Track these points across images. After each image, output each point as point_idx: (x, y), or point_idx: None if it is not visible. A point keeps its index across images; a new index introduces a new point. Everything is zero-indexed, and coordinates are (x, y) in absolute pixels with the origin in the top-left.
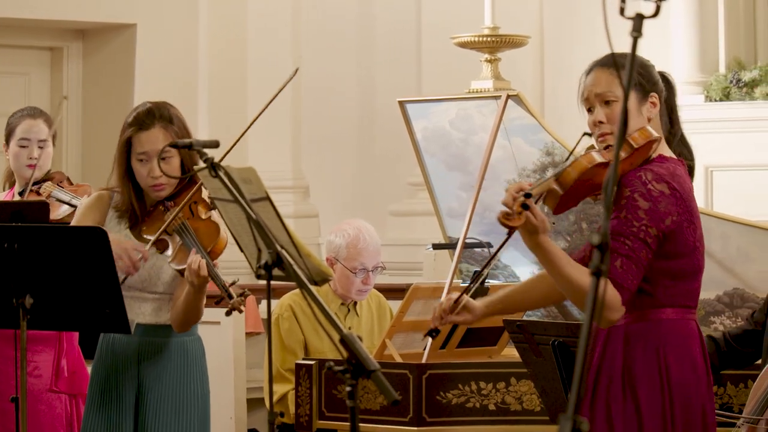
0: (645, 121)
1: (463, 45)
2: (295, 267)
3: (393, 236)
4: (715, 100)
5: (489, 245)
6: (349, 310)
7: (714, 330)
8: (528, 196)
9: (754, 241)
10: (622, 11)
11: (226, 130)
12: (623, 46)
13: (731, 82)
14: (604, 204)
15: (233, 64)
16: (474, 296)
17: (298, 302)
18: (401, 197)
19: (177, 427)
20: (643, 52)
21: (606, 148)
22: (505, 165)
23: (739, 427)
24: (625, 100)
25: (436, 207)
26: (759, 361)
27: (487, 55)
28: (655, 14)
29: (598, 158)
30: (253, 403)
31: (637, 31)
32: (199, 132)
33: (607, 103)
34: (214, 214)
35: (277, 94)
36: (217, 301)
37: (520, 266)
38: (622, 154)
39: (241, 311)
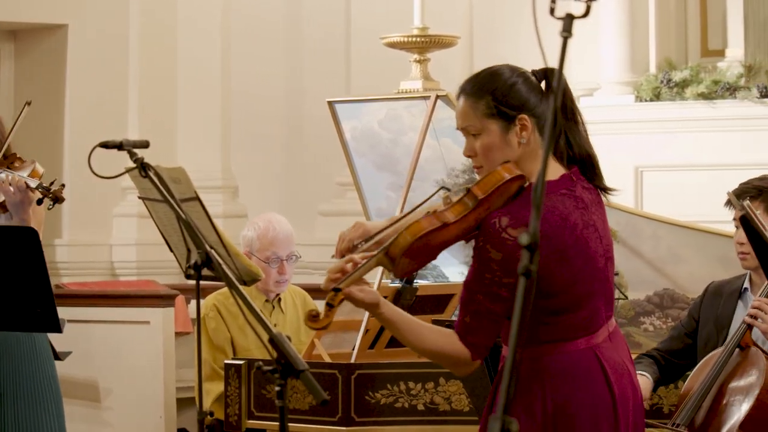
0: (513, 151)
1: (393, 45)
2: (225, 267)
3: (322, 236)
4: (646, 101)
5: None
6: (273, 307)
7: (644, 331)
8: (337, 291)
9: (685, 241)
10: (552, 11)
11: (155, 130)
12: (553, 46)
13: (662, 82)
14: (533, 203)
15: (163, 65)
16: (402, 294)
17: (222, 301)
18: (330, 197)
19: (35, 416)
20: (573, 52)
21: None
22: (435, 165)
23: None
24: (556, 98)
25: (365, 207)
26: None
27: (416, 56)
28: (585, 14)
29: (427, 227)
30: (183, 403)
31: (567, 32)
32: (129, 132)
33: (474, 135)
34: None
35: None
36: (39, 200)
37: (449, 266)
38: (464, 211)
39: (63, 199)
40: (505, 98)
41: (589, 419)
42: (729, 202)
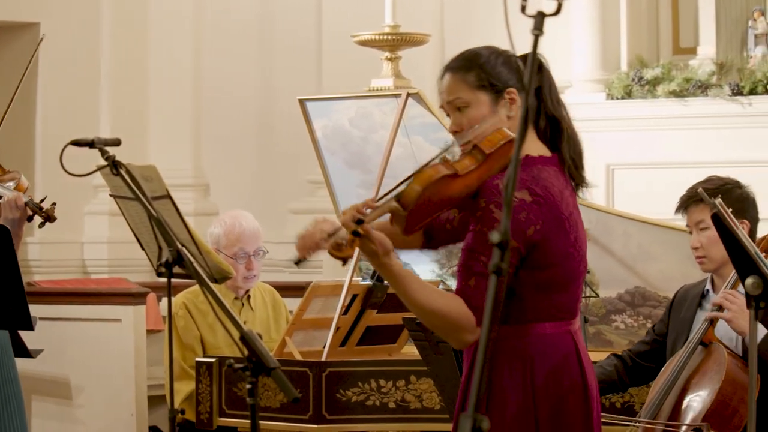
0: (503, 121)
1: (364, 43)
2: (196, 265)
3: (293, 234)
4: (617, 98)
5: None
6: (243, 304)
7: (615, 329)
8: (360, 222)
9: (656, 239)
10: (523, 9)
11: (127, 128)
12: (524, 44)
13: (633, 80)
14: (504, 201)
15: (134, 62)
16: (373, 292)
17: (192, 300)
18: (301, 195)
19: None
20: (544, 50)
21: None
22: (405, 163)
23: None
24: (526, 98)
25: (336, 205)
26: None
27: (387, 54)
28: (557, 12)
29: (442, 171)
30: (155, 401)
31: (538, 29)
32: (101, 130)
33: (459, 109)
34: None
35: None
36: (29, 218)
37: (420, 264)
38: (471, 165)
39: (54, 218)
40: (494, 71)
41: (566, 408)
42: (680, 208)
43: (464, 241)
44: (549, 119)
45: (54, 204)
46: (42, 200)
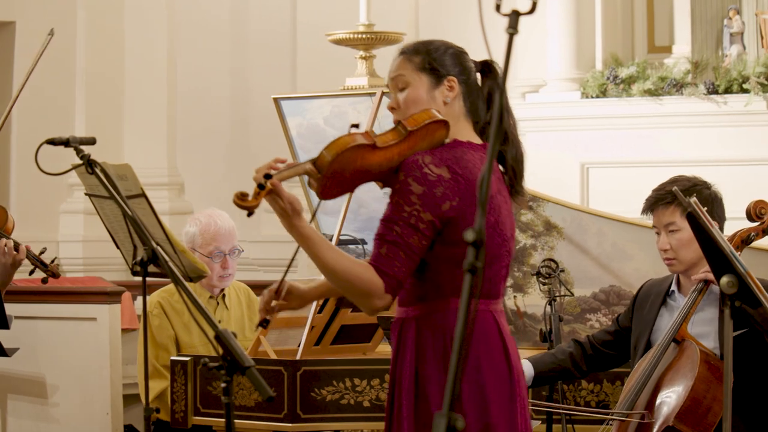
0: (438, 105)
1: (338, 42)
2: (171, 263)
3: (268, 233)
4: (592, 97)
5: (363, 242)
6: (218, 303)
7: (590, 327)
8: (268, 176)
9: (631, 238)
10: (497, 8)
11: (102, 127)
12: (499, 43)
13: (608, 78)
14: (478, 201)
15: (110, 61)
16: None
17: (167, 299)
18: None
19: None
20: (519, 49)
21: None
22: None
23: (609, 424)
24: (501, 94)
25: (310, 204)
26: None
27: (361, 52)
28: (531, 11)
29: (359, 140)
30: (129, 399)
31: (513, 28)
32: (76, 129)
33: (401, 89)
34: None
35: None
36: (30, 272)
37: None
38: (393, 139)
39: (59, 275)
40: (439, 58)
41: (490, 382)
42: (647, 210)
43: (384, 213)
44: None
45: (58, 263)
46: (41, 253)
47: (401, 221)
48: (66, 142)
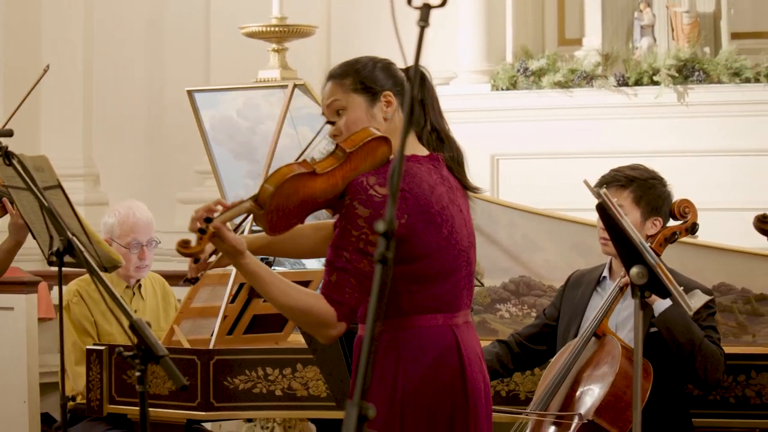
0: (379, 126)
1: (251, 35)
2: (86, 254)
3: (182, 223)
4: (502, 89)
5: None
6: (134, 293)
7: (500, 318)
8: (209, 220)
9: (541, 229)
10: (409, 1)
11: (19, 118)
12: (410, 36)
13: (518, 71)
14: (389, 191)
15: (27, 54)
16: None
17: (84, 287)
18: (189, 185)
19: None
20: (430, 41)
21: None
22: (292, 153)
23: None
24: (412, 91)
25: (224, 195)
26: None
27: (274, 45)
28: (443, 4)
29: (296, 170)
30: (47, 388)
31: (424, 21)
32: None
33: (339, 114)
34: None
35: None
36: None
37: None
38: (332, 164)
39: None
40: (370, 75)
41: (441, 403)
42: (599, 185)
43: (332, 238)
44: (433, 129)
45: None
46: None
47: (350, 246)
48: None
